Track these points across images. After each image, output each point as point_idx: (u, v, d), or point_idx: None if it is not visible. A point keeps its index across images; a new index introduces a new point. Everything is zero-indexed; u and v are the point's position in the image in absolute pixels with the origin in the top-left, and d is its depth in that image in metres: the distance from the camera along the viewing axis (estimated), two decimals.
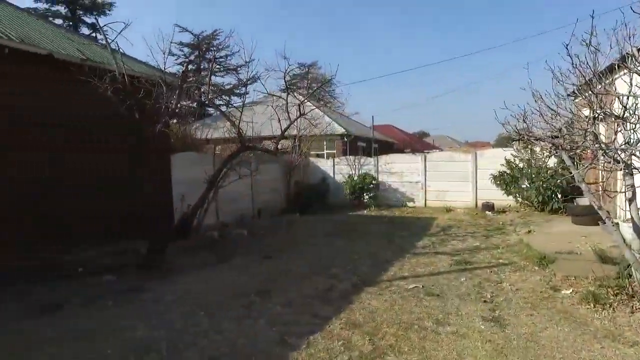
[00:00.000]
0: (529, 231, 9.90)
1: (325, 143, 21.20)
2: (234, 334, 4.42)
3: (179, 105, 7.93)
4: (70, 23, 27.61)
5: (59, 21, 27.24)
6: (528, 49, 63.78)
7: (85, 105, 7.97)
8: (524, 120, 5.66)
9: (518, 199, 13.74)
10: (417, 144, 39.57)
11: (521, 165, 13.46)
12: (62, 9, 27.56)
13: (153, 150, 8.27)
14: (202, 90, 10.72)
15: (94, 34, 23.22)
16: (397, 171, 16.25)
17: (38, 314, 5.16)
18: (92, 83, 6.98)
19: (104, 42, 8.41)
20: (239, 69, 27.50)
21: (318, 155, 20.36)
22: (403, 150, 28.07)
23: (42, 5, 26.93)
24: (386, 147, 28.38)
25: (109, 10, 28.83)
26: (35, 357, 3.96)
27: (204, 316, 4.97)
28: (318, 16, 77.28)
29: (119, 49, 8.02)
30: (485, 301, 5.33)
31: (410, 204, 16.02)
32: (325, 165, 17.64)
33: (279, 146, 10.21)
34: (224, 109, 25.98)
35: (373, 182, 15.97)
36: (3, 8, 8.85)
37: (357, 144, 23.16)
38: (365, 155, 19.47)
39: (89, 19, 28.37)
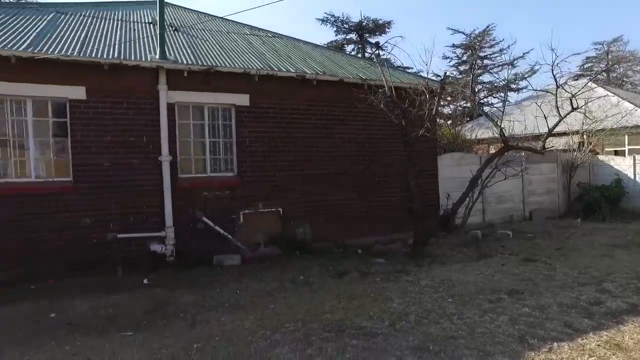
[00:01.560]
0: None
1: (626, 137, 17.42)
2: (475, 323, 4.73)
3: (438, 110, 8.58)
4: (359, 46, 32.64)
5: (351, 46, 32.76)
6: None
7: (365, 117, 9.76)
8: None
9: None
10: None
11: None
12: (353, 36, 33.01)
13: (420, 152, 9.26)
14: (470, 91, 11.03)
15: (376, 52, 26.70)
16: None
17: (330, 279, 6.93)
18: (369, 98, 8.56)
19: (384, 57, 10.01)
20: (514, 62, 25.84)
21: (616, 153, 17.02)
22: None
23: (340, 37, 33.02)
24: None
25: (388, 29, 32.47)
26: (330, 305, 5.46)
27: (451, 302, 5.47)
28: None
29: (386, 64, 9.33)
30: None
31: None
32: (621, 164, 14.63)
33: (557, 145, 9.42)
34: (496, 107, 25.00)
35: None
36: (313, 49, 11.85)
37: None
38: None
39: (373, 39, 32.75)
